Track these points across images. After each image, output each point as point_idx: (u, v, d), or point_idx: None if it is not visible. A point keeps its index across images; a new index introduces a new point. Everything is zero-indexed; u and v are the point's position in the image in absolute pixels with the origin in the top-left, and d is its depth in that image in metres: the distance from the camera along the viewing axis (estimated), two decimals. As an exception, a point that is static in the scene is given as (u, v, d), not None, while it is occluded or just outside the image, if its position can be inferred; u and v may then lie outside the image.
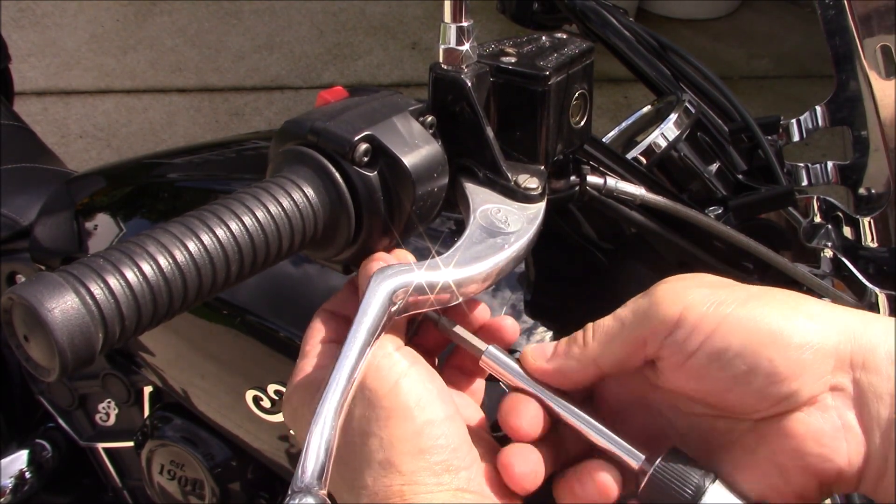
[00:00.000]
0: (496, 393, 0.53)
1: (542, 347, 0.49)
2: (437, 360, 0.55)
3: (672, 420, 0.47)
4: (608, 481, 0.45)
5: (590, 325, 0.48)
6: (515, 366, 0.49)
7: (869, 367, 0.41)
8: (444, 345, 0.54)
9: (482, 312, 0.52)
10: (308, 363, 0.49)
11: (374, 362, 0.45)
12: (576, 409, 0.47)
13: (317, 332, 0.51)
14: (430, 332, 0.53)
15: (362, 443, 0.44)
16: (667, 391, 0.46)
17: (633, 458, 0.45)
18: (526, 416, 0.47)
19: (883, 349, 0.41)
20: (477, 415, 0.53)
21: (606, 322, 0.47)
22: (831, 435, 0.41)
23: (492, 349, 0.49)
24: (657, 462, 0.44)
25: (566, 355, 0.47)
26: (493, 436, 0.51)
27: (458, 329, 0.51)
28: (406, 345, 0.53)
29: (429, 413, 0.44)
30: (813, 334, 0.41)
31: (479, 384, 0.55)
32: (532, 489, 0.46)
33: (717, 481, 0.43)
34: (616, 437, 0.46)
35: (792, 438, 0.42)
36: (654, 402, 0.48)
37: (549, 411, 0.48)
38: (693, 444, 0.46)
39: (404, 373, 0.45)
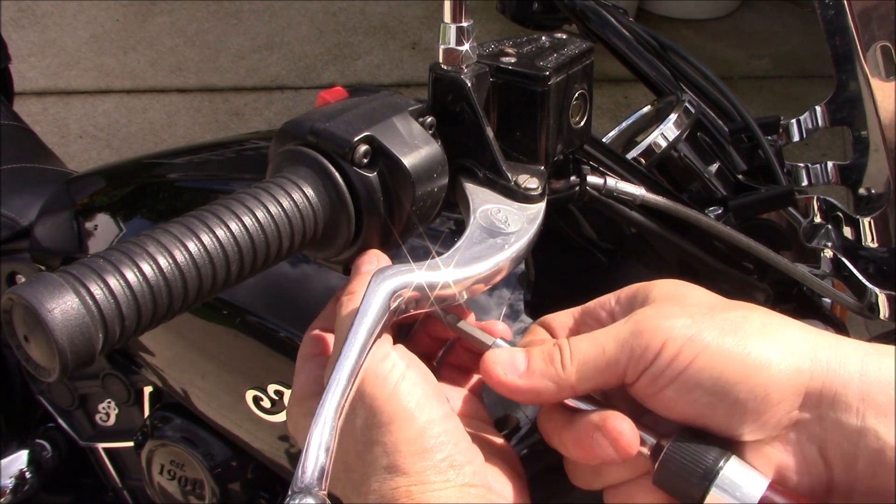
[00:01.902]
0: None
1: (511, 358, 0.47)
2: (434, 364, 0.55)
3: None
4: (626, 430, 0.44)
5: (565, 343, 0.47)
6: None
7: (838, 404, 0.41)
8: (439, 348, 0.54)
9: (469, 320, 0.52)
10: (303, 377, 0.50)
11: (370, 368, 0.45)
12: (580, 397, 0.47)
13: (307, 348, 0.51)
14: (425, 337, 0.54)
15: (367, 450, 0.45)
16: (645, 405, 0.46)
17: (645, 439, 0.45)
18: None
19: (856, 386, 0.41)
20: (478, 411, 0.53)
21: (585, 347, 0.46)
22: (794, 469, 0.42)
23: (500, 342, 0.49)
24: (670, 442, 0.44)
25: (542, 375, 0.46)
26: (494, 431, 0.52)
27: (464, 324, 0.51)
28: None
29: (428, 413, 0.44)
30: (786, 368, 0.42)
31: (478, 381, 0.55)
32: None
33: (732, 459, 0.43)
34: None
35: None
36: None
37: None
38: None
39: (402, 376, 0.45)
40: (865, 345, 0.43)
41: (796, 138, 0.83)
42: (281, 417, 0.85)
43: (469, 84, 0.52)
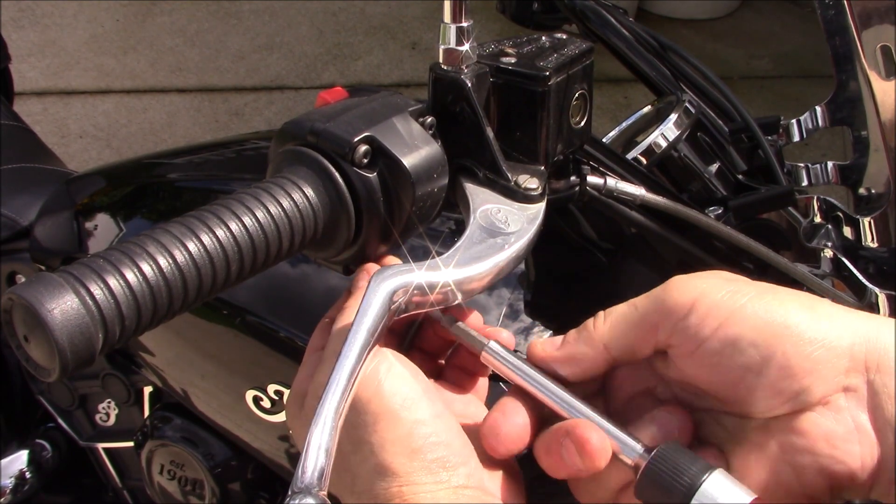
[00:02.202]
0: (501, 392, 0.53)
1: (551, 339, 0.49)
2: (441, 363, 0.55)
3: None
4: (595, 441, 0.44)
5: (601, 312, 0.48)
6: (517, 361, 0.49)
7: (883, 369, 0.41)
8: (447, 347, 0.54)
9: (474, 320, 0.52)
10: (302, 372, 0.50)
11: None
12: (577, 404, 0.47)
13: (314, 342, 0.51)
14: (432, 335, 0.53)
15: (355, 450, 0.44)
16: (677, 383, 0.46)
17: (632, 450, 0.45)
18: (512, 424, 0.47)
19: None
20: (481, 413, 0.52)
21: (619, 307, 0.46)
22: (844, 437, 0.41)
23: (493, 344, 0.49)
24: (653, 453, 0.43)
25: (576, 341, 0.47)
26: None
27: (460, 325, 0.51)
28: (406, 348, 0.53)
29: (416, 413, 0.44)
30: (827, 332, 0.41)
31: (483, 383, 0.55)
32: (516, 451, 0.45)
33: (715, 473, 0.42)
34: (616, 431, 0.45)
35: (804, 437, 0.41)
36: (663, 397, 0.48)
37: (549, 408, 0.47)
38: (702, 439, 0.46)
39: (386, 374, 0.45)
40: (892, 319, 0.42)
41: (796, 138, 0.83)
42: (281, 417, 0.85)
43: (469, 84, 0.52)
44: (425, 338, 0.54)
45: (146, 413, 1.08)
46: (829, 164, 0.80)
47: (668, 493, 0.42)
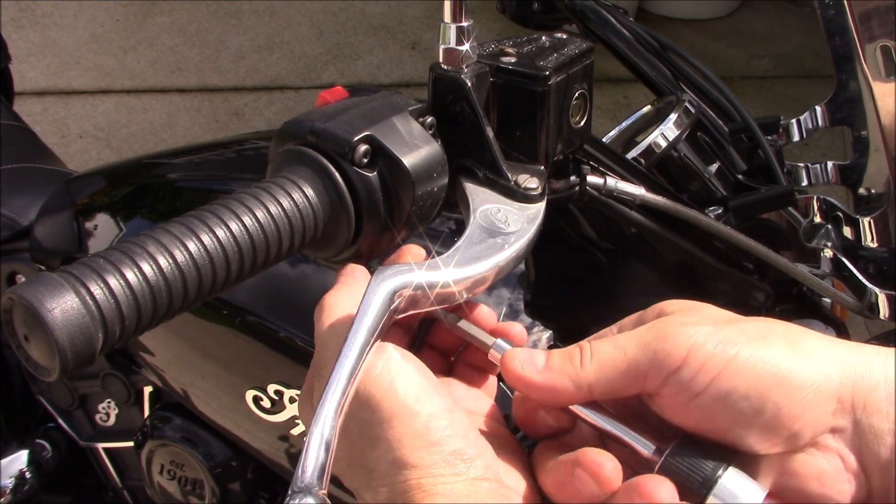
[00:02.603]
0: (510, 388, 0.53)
1: (530, 355, 0.47)
2: (452, 359, 0.55)
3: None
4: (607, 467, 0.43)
5: (586, 344, 0.46)
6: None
7: (869, 408, 0.41)
8: (458, 344, 0.54)
9: (489, 318, 0.52)
10: (312, 367, 0.50)
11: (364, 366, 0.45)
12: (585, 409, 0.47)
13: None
14: (443, 332, 0.53)
15: (372, 446, 0.44)
16: (663, 418, 0.46)
17: (644, 447, 0.45)
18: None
19: (883, 389, 0.41)
20: (491, 410, 0.52)
21: (605, 349, 0.45)
22: (833, 476, 0.41)
23: (500, 343, 0.49)
24: (667, 451, 0.43)
25: (560, 373, 0.46)
26: (506, 429, 0.51)
27: (464, 324, 0.50)
28: (417, 346, 0.53)
29: (429, 407, 0.44)
30: (816, 374, 0.41)
31: (493, 380, 0.55)
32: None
33: (731, 469, 0.42)
34: (626, 428, 0.45)
35: (794, 477, 0.42)
36: (650, 419, 0.47)
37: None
38: None
39: (397, 372, 0.45)
40: (886, 350, 0.43)
41: (796, 138, 0.83)
42: (281, 417, 0.85)
43: (469, 84, 0.52)
44: (436, 335, 0.54)
45: (146, 413, 1.08)
46: (829, 164, 0.80)
47: (684, 488, 0.42)
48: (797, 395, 0.41)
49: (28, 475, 1.26)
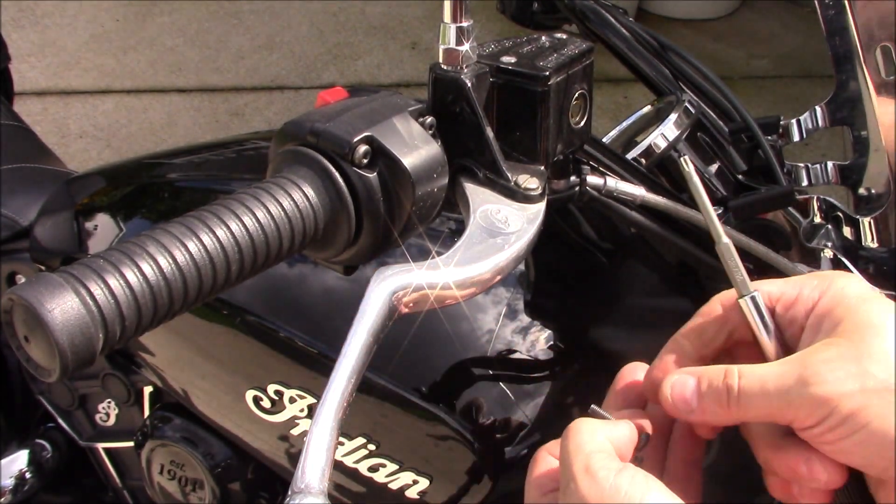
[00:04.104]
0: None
1: (682, 379, 0.46)
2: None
3: None
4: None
5: (734, 371, 0.45)
6: (771, 325, 0.47)
7: None
8: (665, 443, 0.51)
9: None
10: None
11: (614, 484, 0.42)
12: None
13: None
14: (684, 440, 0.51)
15: None
16: None
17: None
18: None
19: None
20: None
21: (749, 382, 0.44)
22: None
23: (758, 296, 0.48)
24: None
25: (716, 402, 0.45)
26: None
27: (735, 257, 0.49)
28: (637, 454, 0.49)
29: None
30: None
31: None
32: None
33: None
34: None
35: None
36: None
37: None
38: None
39: (646, 492, 0.42)
40: None
41: (796, 138, 0.83)
42: (281, 417, 0.85)
43: (469, 84, 0.52)
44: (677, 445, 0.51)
45: (146, 413, 1.08)
46: (829, 164, 0.80)
47: None
48: None
49: (28, 475, 1.26)
